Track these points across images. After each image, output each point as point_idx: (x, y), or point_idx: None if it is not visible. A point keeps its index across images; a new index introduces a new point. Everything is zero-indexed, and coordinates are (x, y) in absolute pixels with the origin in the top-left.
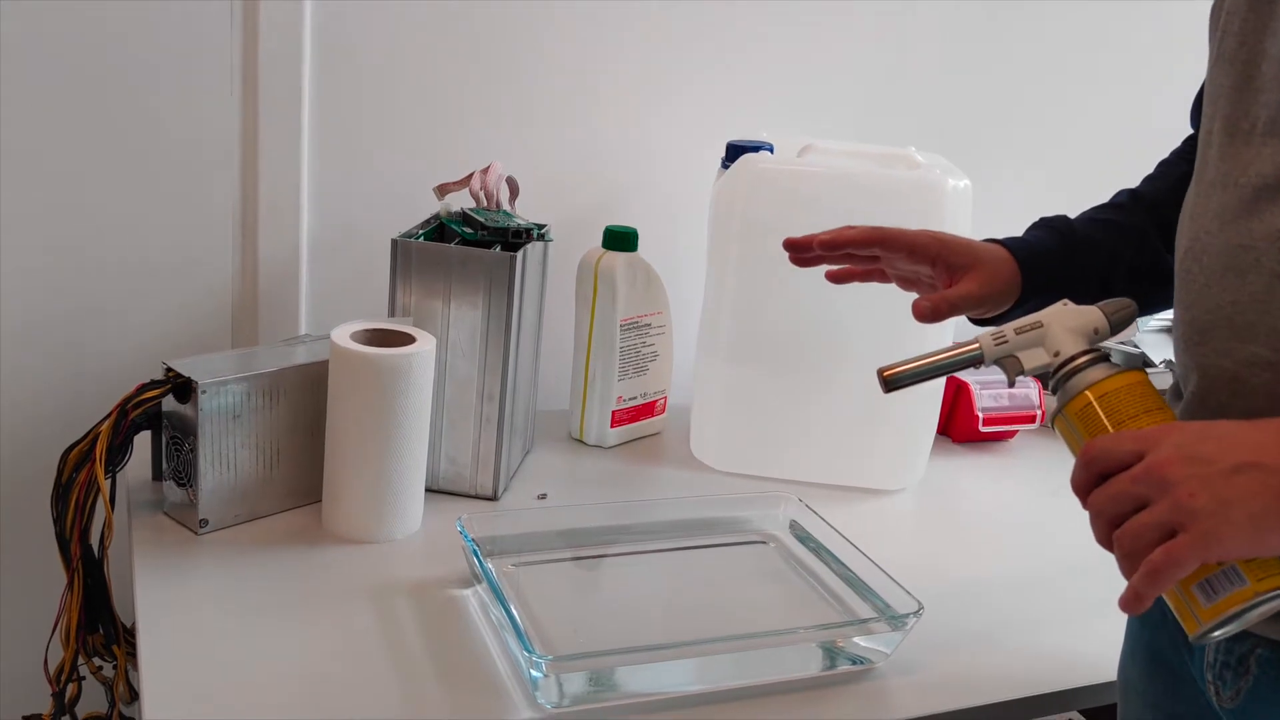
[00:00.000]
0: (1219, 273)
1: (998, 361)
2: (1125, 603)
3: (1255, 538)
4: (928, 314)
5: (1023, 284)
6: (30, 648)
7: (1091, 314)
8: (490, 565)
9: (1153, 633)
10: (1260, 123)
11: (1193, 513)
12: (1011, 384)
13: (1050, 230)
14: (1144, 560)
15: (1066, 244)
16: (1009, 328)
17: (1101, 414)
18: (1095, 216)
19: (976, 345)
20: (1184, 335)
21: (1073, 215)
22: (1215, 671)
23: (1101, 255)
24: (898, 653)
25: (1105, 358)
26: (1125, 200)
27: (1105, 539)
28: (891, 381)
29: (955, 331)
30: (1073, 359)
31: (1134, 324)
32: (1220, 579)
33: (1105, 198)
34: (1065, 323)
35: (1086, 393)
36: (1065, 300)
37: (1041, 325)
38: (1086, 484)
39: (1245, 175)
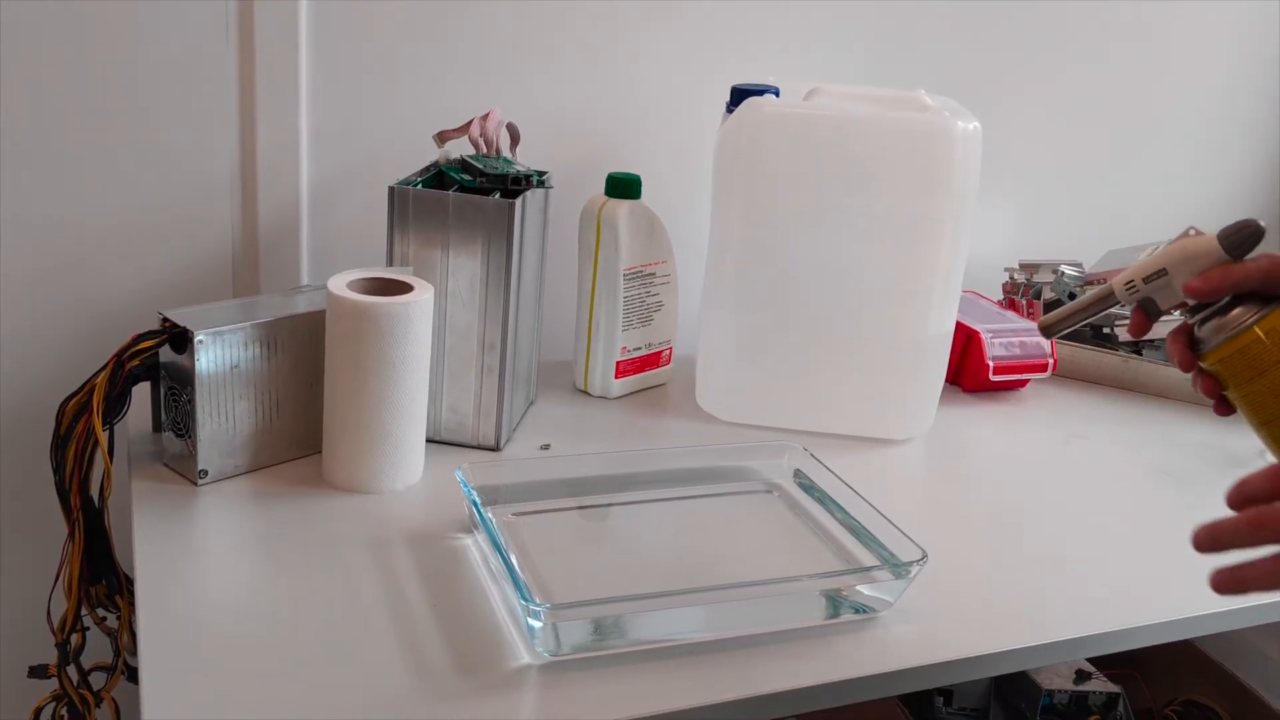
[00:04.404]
0: None
1: (1139, 305)
2: None
3: None
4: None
5: None
6: (34, 600)
7: (1211, 249)
8: (489, 514)
9: None
10: None
11: None
12: (1155, 319)
13: None
14: None
15: None
16: (1138, 278)
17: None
18: None
19: (1111, 292)
20: None
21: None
22: None
23: None
24: (901, 601)
25: (1236, 300)
26: None
27: (1246, 544)
28: (1044, 326)
29: (965, 279)
30: (1200, 307)
31: None
32: None
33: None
34: (1188, 269)
35: (1221, 349)
36: (1190, 228)
37: (1166, 273)
38: (1265, 498)
39: None
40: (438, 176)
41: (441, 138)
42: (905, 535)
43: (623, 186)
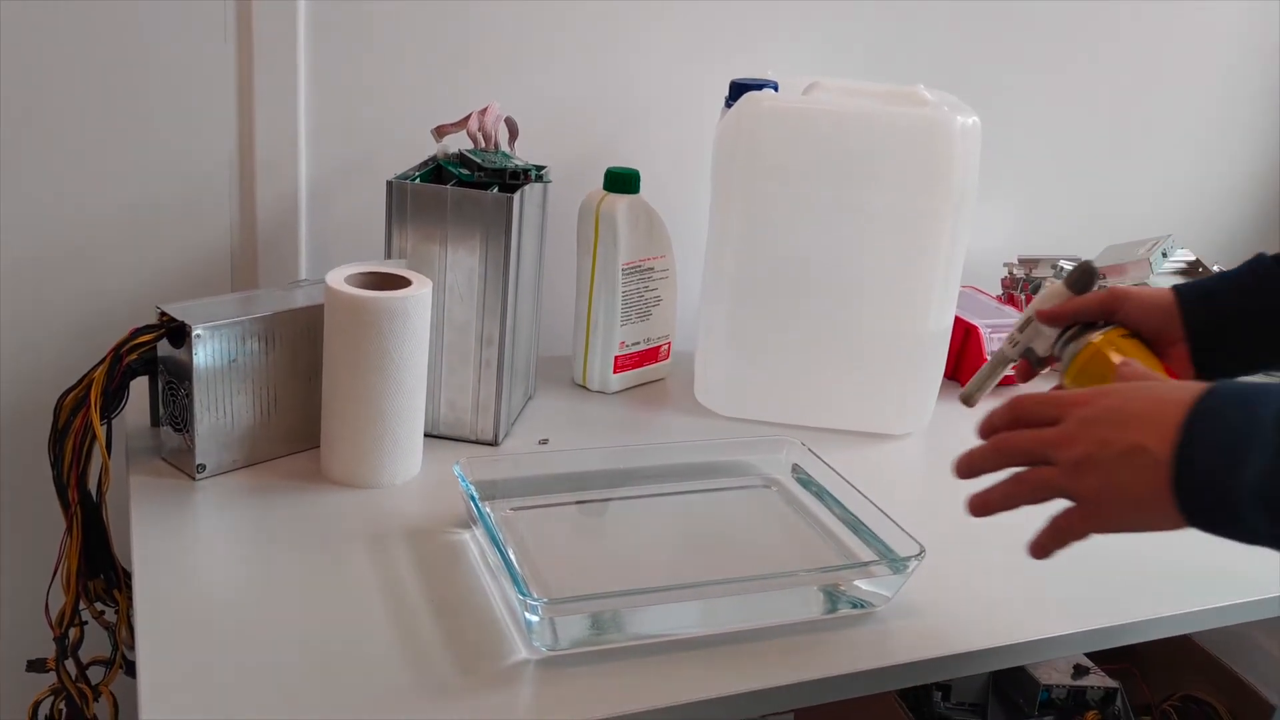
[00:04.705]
0: None
1: (1023, 355)
2: (1034, 551)
3: (1137, 518)
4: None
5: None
6: (32, 595)
7: (1060, 289)
8: (487, 509)
9: None
10: None
11: (1085, 491)
12: (1038, 367)
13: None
14: (1052, 521)
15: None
16: (1015, 331)
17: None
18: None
19: (1003, 351)
20: None
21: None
22: None
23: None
24: (899, 596)
25: (1087, 328)
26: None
27: (992, 467)
28: (965, 398)
29: (964, 274)
30: (1058, 339)
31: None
32: None
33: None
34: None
35: (1071, 367)
36: (1048, 279)
37: (1031, 320)
38: (1004, 425)
39: None
40: (436, 171)
41: (439, 132)
42: (903, 530)
43: (621, 181)
